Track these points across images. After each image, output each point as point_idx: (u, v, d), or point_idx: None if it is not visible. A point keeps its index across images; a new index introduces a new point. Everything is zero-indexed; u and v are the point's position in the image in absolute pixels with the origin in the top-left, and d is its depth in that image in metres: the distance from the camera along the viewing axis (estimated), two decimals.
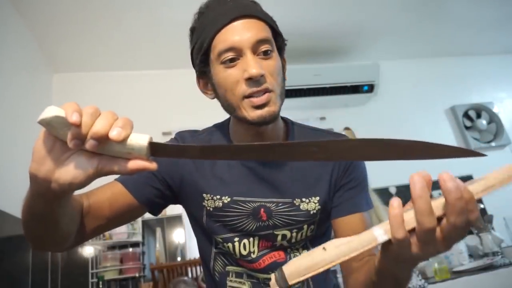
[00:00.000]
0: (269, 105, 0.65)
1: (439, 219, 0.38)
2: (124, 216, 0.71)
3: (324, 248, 0.42)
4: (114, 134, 0.38)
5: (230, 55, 0.65)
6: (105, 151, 0.40)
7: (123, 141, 0.39)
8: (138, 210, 0.72)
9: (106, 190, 0.70)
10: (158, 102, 2.60)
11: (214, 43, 0.67)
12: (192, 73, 0.76)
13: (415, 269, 1.87)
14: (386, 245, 0.42)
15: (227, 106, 0.69)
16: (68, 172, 0.40)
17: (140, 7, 2.08)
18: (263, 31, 0.66)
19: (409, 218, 0.39)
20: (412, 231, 0.39)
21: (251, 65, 0.63)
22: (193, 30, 0.72)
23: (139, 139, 0.40)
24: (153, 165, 0.41)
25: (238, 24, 0.65)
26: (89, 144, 0.38)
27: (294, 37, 2.60)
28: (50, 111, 0.38)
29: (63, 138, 0.39)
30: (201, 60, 0.70)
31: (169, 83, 2.64)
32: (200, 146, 0.42)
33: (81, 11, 2.02)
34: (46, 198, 0.45)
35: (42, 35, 2.15)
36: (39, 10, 1.96)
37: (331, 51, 2.87)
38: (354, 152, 0.41)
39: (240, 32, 0.64)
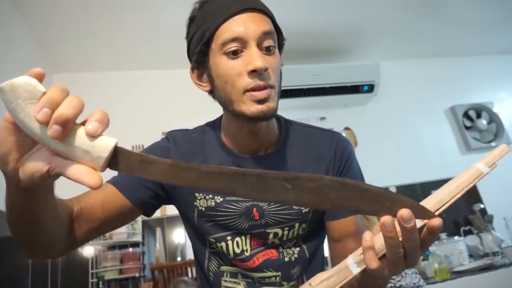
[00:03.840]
0: (269, 101, 0.64)
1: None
2: (117, 219, 0.70)
3: (310, 284, 0.49)
4: (90, 127, 0.36)
5: (234, 46, 0.63)
6: (59, 146, 0.36)
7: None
8: (131, 212, 0.71)
9: (98, 192, 0.68)
10: (158, 102, 2.60)
11: (218, 33, 0.65)
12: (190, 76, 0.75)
13: (413, 268, 1.88)
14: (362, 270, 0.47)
15: (225, 99, 0.67)
16: (27, 171, 0.39)
17: (140, 8, 2.08)
18: (268, 25, 0.66)
19: (380, 245, 0.44)
20: (383, 257, 0.44)
21: (256, 57, 0.62)
22: (192, 19, 0.70)
23: (104, 139, 0.36)
24: (94, 182, 0.36)
25: (244, 15, 0.64)
26: (52, 130, 0.34)
27: (294, 37, 2.60)
28: (22, 78, 0.35)
29: (20, 117, 0.35)
30: (201, 49, 0.67)
31: (169, 83, 2.64)
32: (170, 162, 0.39)
33: (81, 11, 2.02)
34: (19, 192, 0.44)
35: (42, 35, 2.15)
36: (39, 10, 1.96)
37: (331, 51, 2.87)
38: (327, 196, 0.40)
39: (246, 24, 0.63)
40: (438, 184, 2.99)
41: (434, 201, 0.44)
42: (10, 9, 1.88)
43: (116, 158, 0.38)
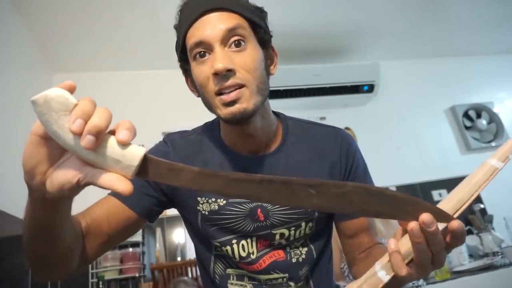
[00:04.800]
0: (240, 101, 0.61)
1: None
2: (124, 230, 0.69)
3: None
4: (122, 136, 0.37)
5: (199, 50, 0.63)
6: (91, 156, 0.37)
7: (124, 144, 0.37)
8: (138, 222, 0.70)
9: (101, 206, 0.67)
10: (158, 102, 2.60)
11: (186, 40, 0.65)
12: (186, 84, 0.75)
13: None
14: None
15: (205, 104, 0.67)
16: (56, 182, 0.39)
17: (140, 7, 2.08)
18: (233, 20, 0.63)
19: (405, 250, 0.44)
20: (410, 261, 0.45)
21: (218, 59, 0.60)
22: (175, 28, 0.70)
23: (134, 148, 0.38)
24: (126, 189, 0.37)
25: (207, 17, 0.63)
26: (86, 140, 0.35)
27: (294, 37, 2.62)
28: (55, 90, 0.36)
29: (54, 128, 0.36)
30: (181, 58, 0.69)
31: (169, 83, 2.62)
32: (197, 169, 0.40)
33: (81, 11, 2.02)
34: (44, 205, 0.44)
35: (42, 35, 2.15)
36: (39, 10, 1.96)
37: (331, 51, 2.87)
38: (351, 201, 0.41)
39: (209, 26, 0.62)
40: (438, 184, 2.98)
41: (453, 202, 0.44)
42: (10, 9, 1.88)
43: (145, 166, 0.39)
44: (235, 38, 0.62)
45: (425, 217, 0.41)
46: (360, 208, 0.42)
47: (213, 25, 0.62)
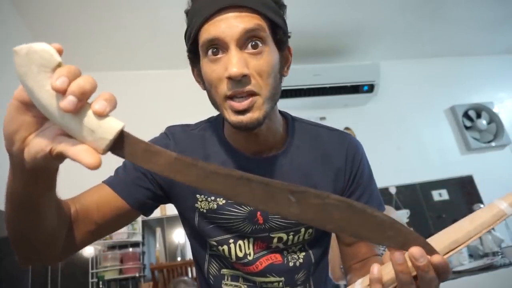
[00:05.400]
0: (252, 110, 0.58)
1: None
2: (114, 221, 0.67)
3: None
4: (98, 106, 0.35)
5: (213, 48, 0.58)
6: (65, 121, 0.35)
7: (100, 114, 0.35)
8: (129, 213, 0.68)
9: (93, 193, 0.65)
10: (158, 102, 2.60)
11: (200, 34, 0.60)
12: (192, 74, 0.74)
13: None
14: None
15: (212, 102, 0.64)
16: (32, 150, 0.38)
17: (139, 7, 2.08)
18: (253, 20, 0.58)
19: (390, 278, 0.42)
20: None
21: (233, 63, 0.56)
22: (186, 13, 0.66)
23: (112, 121, 0.35)
24: (92, 163, 0.34)
25: (225, 14, 0.58)
26: (67, 101, 0.33)
27: (294, 37, 2.58)
28: (41, 44, 0.33)
29: (30, 83, 0.34)
30: (190, 49, 0.64)
31: (169, 83, 2.64)
32: (175, 155, 0.38)
33: (80, 11, 2.02)
34: (24, 175, 0.42)
35: (42, 35, 2.15)
36: (39, 10, 1.96)
37: (331, 51, 2.87)
38: (331, 216, 0.38)
39: (225, 24, 0.57)
40: (438, 184, 2.97)
41: (449, 241, 0.41)
42: (10, 9, 1.89)
43: (121, 142, 0.36)
44: (253, 39, 0.58)
45: (415, 250, 0.38)
46: (339, 225, 0.39)
47: (231, 23, 0.57)
